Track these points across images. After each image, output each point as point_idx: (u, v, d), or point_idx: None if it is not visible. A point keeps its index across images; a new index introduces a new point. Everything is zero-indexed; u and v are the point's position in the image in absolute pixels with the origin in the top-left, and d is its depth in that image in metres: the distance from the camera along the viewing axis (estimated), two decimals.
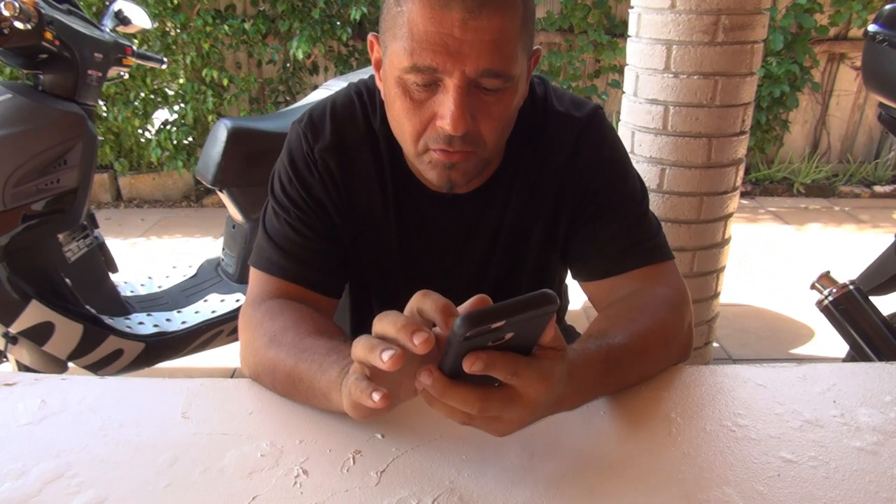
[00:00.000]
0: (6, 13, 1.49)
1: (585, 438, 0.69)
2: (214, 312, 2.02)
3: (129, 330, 1.87)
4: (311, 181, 0.90)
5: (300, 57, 3.71)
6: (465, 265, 0.97)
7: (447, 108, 0.74)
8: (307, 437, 0.69)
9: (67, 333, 1.74)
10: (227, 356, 2.25)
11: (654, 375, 0.79)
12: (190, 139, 3.98)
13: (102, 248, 1.99)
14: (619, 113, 2.17)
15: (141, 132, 4.01)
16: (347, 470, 0.64)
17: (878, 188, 4.43)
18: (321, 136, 0.91)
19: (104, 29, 1.88)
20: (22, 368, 1.78)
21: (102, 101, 3.78)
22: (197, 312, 2.03)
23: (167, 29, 3.80)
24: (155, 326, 1.94)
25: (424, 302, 0.55)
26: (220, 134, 1.88)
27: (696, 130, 1.96)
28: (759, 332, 2.69)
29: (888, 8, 1.62)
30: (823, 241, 3.69)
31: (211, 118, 3.95)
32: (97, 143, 1.80)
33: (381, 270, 0.98)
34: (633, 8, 2.04)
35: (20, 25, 1.53)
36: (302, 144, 0.91)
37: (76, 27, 1.71)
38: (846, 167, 4.56)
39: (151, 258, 3.30)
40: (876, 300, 1.55)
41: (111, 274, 2.01)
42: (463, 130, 0.75)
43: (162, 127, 3.94)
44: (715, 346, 2.47)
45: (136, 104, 3.83)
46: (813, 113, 4.49)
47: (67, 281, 1.80)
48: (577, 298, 1.21)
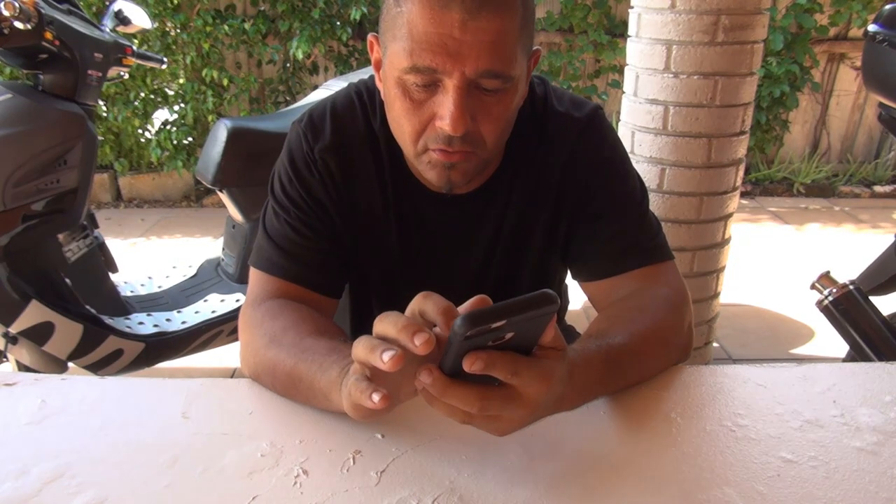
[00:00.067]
0: (6, 13, 1.49)
1: (585, 438, 0.69)
2: (214, 312, 2.02)
3: (129, 330, 1.87)
4: (311, 181, 0.90)
5: (300, 57, 3.71)
6: (465, 265, 0.97)
7: (447, 108, 0.74)
8: (307, 437, 0.69)
9: (67, 333, 1.74)
10: (227, 356, 2.26)
11: (654, 375, 0.80)
12: (190, 139, 3.98)
13: (102, 248, 1.99)
14: (619, 113, 2.17)
15: (141, 132, 4.01)
16: (347, 470, 0.64)
17: (878, 188, 4.43)
18: (321, 136, 0.91)
19: (104, 29, 1.88)
20: (22, 368, 1.78)
21: (102, 101, 3.78)
22: (197, 312, 2.03)
23: (167, 29, 3.80)
24: (155, 326, 1.94)
25: (426, 303, 0.55)
26: (220, 134, 1.88)
27: (696, 130, 1.96)
28: (759, 332, 2.69)
29: (888, 8, 1.62)
30: (823, 241, 3.69)
31: (211, 118, 3.95)
32: (97, 143, 1.80)
33: (380, 270, 0.98)
34: (633, 8, 2.04)
35: (20, 25, 1.53)
36: (302, 144, 0.91)
37: (76, 27, 1.71)
38: (846, 167, 4.56)
39: (151, 258, 3.30)
40: (876, 300, 1.55)
41: (111, 274, 2.01)
42: (462, 131, 0.75)
43: (162, 127, 3.94)
44: (715, 346, 2.46)
45: (136, 104, 3.83)
46: (813, 113, 4.49)
47: (67, 281, 1.80)
48: (577, 298, 1.21)
